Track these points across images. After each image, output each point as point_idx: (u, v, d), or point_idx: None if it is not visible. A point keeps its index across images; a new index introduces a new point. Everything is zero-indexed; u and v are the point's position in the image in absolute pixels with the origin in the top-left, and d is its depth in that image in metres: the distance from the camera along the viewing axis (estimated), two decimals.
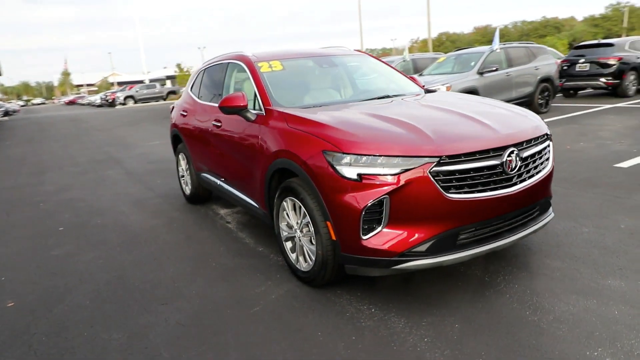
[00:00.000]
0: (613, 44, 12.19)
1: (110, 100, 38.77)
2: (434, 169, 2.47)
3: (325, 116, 3.01)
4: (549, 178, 2.97)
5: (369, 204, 2.50)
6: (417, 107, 3.22)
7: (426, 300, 2.82)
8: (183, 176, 5.57)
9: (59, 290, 3.36)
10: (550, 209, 3.13)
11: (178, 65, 42.80)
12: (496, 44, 9.64)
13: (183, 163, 5.46)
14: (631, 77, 12.02)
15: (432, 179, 2.47)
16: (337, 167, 2.59)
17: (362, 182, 2.52)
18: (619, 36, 52.54)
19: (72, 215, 5.33)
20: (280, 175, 3.27)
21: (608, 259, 3.15)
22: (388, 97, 3.69)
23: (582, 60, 12.36)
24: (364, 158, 2.54)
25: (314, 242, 2.94)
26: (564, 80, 12.45)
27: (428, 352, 2.31)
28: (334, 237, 2.71)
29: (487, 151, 2.58)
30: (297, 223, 3.08)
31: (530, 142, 2.80)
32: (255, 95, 3.62)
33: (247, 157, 3.59)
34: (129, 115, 24.21)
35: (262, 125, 3.38)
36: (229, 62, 4.36)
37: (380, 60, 4.54)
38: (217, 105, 4.26)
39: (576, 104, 11.95)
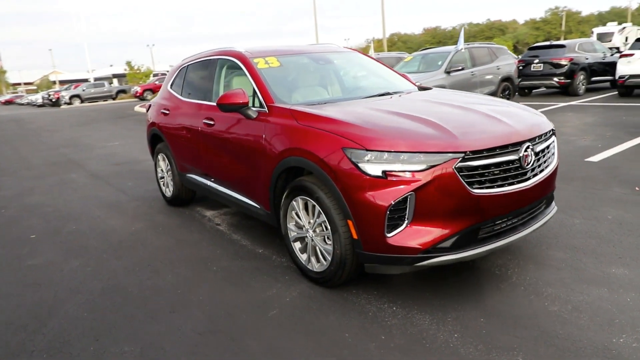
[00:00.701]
0: (565, 46, 12.87)
1: (54, 100, 36.65)
2: (459, 164, 2.48)
3: (338, 113, 2.95)
4: (555, 172, 3.06)
5: (395, 201, 2.47)
6: (426, 104, 3.22)
7: (444, 296, 2.82)
8: (162, 177, 5.32)
9: (48, 302, 3.11)
10: (553, 202, 3.23)
11: (128, 63, 41.02)
12: (461, 44, 9.92)
13: (163, 164, 5.22)
14: (581, 76, 12.73)
15: (457, 174, 2.47)
16: (360, 165, 2.54)
17: (387, 179, 2.48)
18: (558, 38, 55.67)
19: (42, 222, 4.97)
20: (287, 174, 3.19)
21: (606, 248, 3.29)
22: (388, 94, 3.68)
23: (537, 60, 12.97)
24: (388, 155, 2.50)
25: (328, 242, 2.88)
26: (519, 79, 13.00)
27: (461, 347, 2.31)
28: (355, 236, 2.65)
29: (506, 146, 2.61)
30: (310, 223, 3.00)
31: (541, 137, 2.87)
32: (255, 92, 3.50)
33: (248, 156, 3.46)
34: (79, 115, 23.01)
35: (265, 123, 3.27)
36: (218, 58, 4.20)
37: (371, 57, 4.54)
38: (208, 103, 4.11)
39: (533, 102, 12.52)
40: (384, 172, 2.49)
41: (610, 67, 13.50)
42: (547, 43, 13.79)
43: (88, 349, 2.53)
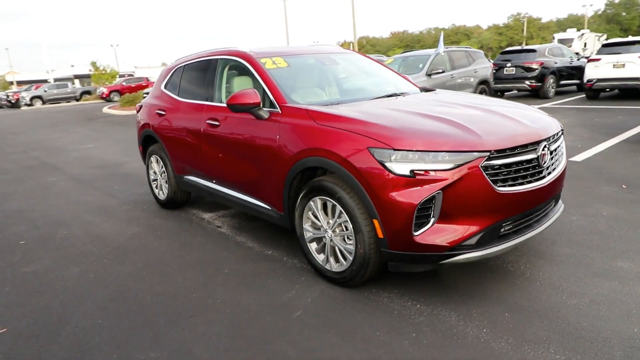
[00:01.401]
0: (535, 50, 13.34)
1: (13, 101, 35.07)
2: (484, 163, 2.53)
3: (357, 113, 2.96)
4: (565, 171, 3.17)
5: (424, 200, 2.50)
6: (440, 105, 3.27)
7: (464, 292, 2.88)
8: (155, 180, 5.19)
9: (55, 310, 2.98)
10: (560, 200, 3.35)
11: (93, 64, 39.75)
12: (441, 47, 10.14)
13: (156, 166, 5.10)
14: (551, 80, 13.24)
15: (483, 173, 2.53)
16: (387, 164, 2.56)
17: (415, 178, 2.51)
18: (520, 44, 57.60)
19: (30, 227, 4.75)
20: (302, 175, 3.18)
21: (608, 243, 3.43)
22: (395, 95, 3.72)
23: (509, 64, 13.39)
24: (415, 154, 2.53)
25: (348, 241, 2.89)
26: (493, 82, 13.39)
27: (493, 342, 2.36)
28: (381, 235, 2.67)
29: (526, 145, 2.69)
30: (329, 223, 3.00)
31: (554, 137, 2.98)
32: (265, 92, 3.47)
33: (259, 157, 3.43)
34: (44, 117, 22.10)
35: (279, 124, 3.25)
36: (219, 59, 4.14)
37: (370, 58, 4.58)
38: (211, 103, 4.06)
39: None
40: (411, 171, 2.52)
41: (577, 71, 14.11)
42: (519, 47, 14.27)
43: (111, 357, 2.44)
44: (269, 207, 3.51)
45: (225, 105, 3.87)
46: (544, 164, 2.80)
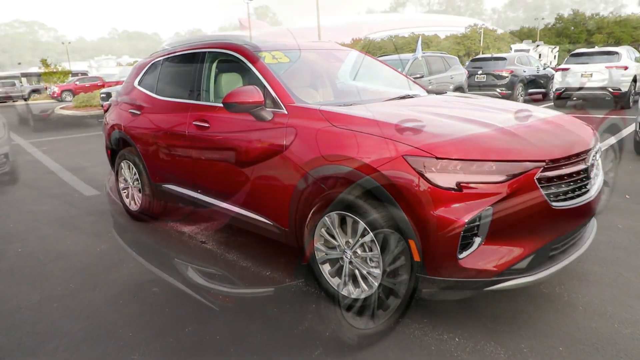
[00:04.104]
0: (505, 58, 13.50)
1: None
2: (539, 175, 2.20)
3: (382, 114, 2.57)
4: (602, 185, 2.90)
5: (472, 218, 2.13)
6: (474, 108, 2.93)
7: (504, 321, 2.53)
8: (126, 188, 4.60)
9: (11, 352, 2.40)
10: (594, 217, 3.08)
11: (43, 61, 37.56)
12: (419, 52, 9.96)
13: (127, 172, 4.51)
14: (520, 88, 13.40)
15: (539, 186, 2.19)
16: (428, 175, 2.18)
17: (461, 192, 2.14)
18: (477, 53, 59.35)
19: None
20: (314, 186, 2.75)
21: (637, 260, 3.20)
22: (409, 96, 3.37)
23: (480, 72, 13.46)
24: (459, 164, 2.17)
25: (372, 264, 2.49)
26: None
27: None
28: (417, 258, 2.28)
29: (578, 155, 2.39)
30: (348, 242, 2.58)
31: (596, 146, 2.70)
32: (267, 90, 3.02)
33: (260, 164, 2.96)
34: None
35: (286, 126, 2.81)
36: (207, 52, 3.64)
37: (372, 57, 4.21)
38: (198, 102, 3.56)
39: None
40: (458, 184, 2.15)
41: (543, 79, 14.38)
42: (489, 55, 14.40)
43: None
44: (269, 222, 3.05)
45: (215, 104, 3.40)
46: (592, 175, 2.50)
